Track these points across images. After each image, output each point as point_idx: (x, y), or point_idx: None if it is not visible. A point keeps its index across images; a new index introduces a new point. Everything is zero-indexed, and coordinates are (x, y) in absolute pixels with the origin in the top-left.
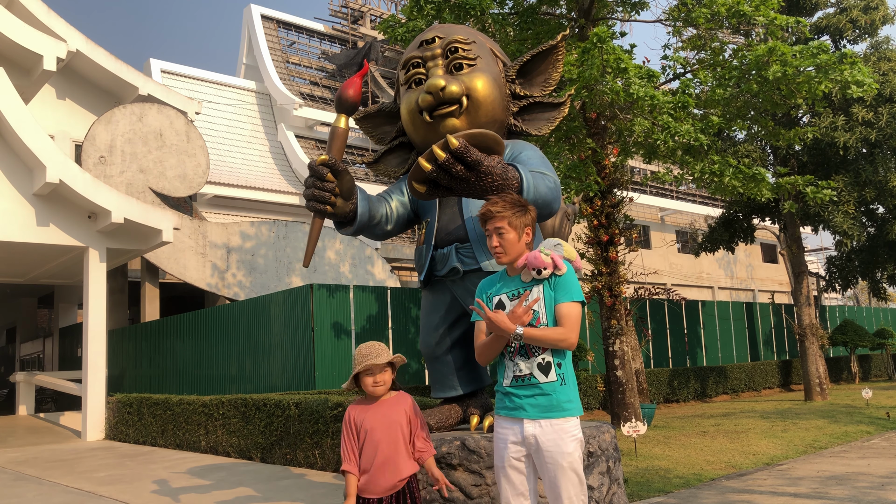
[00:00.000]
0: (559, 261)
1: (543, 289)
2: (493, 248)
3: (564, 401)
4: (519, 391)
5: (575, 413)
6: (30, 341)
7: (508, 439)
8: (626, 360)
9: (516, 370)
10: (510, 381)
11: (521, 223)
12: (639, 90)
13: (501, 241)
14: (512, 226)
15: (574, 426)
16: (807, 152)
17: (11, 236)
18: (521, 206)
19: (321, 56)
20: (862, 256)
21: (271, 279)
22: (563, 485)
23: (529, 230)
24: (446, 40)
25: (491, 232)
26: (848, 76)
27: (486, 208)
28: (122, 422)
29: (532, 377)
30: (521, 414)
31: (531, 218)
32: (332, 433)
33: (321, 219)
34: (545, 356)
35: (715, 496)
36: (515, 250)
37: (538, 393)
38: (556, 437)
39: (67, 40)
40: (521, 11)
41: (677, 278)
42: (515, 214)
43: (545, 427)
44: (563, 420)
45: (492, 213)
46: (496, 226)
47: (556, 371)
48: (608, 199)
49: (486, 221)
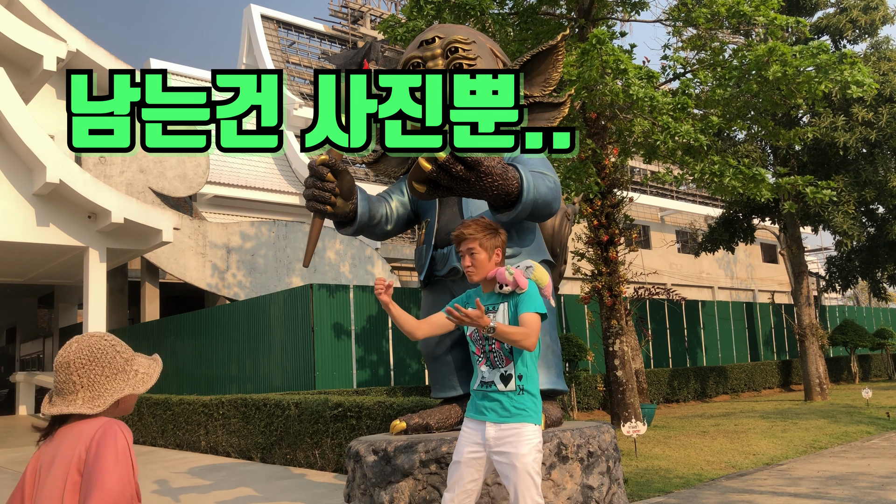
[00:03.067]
0: (521, 280)
1: (507, 306)
2: (465, 268)
3: (521, 409)
4: (484, 399)
5: (531, 420)
6: (30, 341)
7: (471, 439)
8: (626, 360)
9: (482, 377)
10: (478, 385)
11: (491, 244)
12: (638, 91)
13: (473, 261)
14: (483, 247)
15: (530, 432)
16: (807, 152)
17: (11, 236)
18: (493, 228)
19: (321, 56)
20: (862, 256)
21: (271, 279)
22: (520, 487)
23: (500, 251)
24: (446, 40)
25: (464, 252)
26: (848, 76)
27: (460, 230)
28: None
29: (493, 384)
30: (484, 418)
31: (501, 240)
32: (332, 433)
33: (321, 219)
34: (507, 369)
35: (715, 496)
36: (486, 269)
37: (498, 400)
38: (512, 440)
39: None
40: (521, 11)
41: (677, 278)
42: (486, 236)
43: (504, 431)
44: (519, 425)
45: (464, 235)
46: (468, 247)
47: (515, 382)
48: (608, 200)
49: (460, 243)
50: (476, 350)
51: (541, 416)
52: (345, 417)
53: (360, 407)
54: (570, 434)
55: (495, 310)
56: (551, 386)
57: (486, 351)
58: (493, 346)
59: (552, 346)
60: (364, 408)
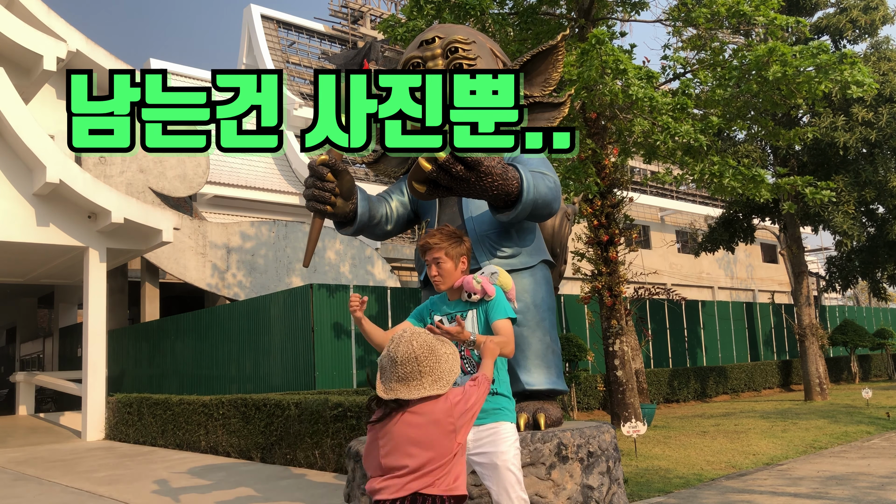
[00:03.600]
0: (488, 287)
1: (477, 313)
2: (432, 277)
3: (496, 408)
4: None
5: (507, 419)
6: (30, 341)
7: None
8: (626, 360)
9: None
10: None
11: (457, 253)
12: (638, 91)
13: (440, 271)
14: (449, 256)
15: (507, 430)
16: (807, 152)
17: (11, 236)
18: (457, 237)
19: (321, 56)
20: (862, 256)
21: (271, 279)
22: (503, 484)
23: (465, 259)
24: (446, 40)
25: (430, 262)
26: (848, 76)
27: (425, 240)
28: (122, 422)
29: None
30: None
31: (466, 248)
32: (332, 433)
33: (321, 219)
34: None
35: (715, 496)
36: (453, 278)
37: None
38: (491, 439)
39: (67, 40)
40: (521, 11)
41: (677, 278)
42: (452, 245)
43: (481, 432)
44: (496, 424)
45: (430, 244)
46: (434, 256)
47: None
48: (608, 199)
49: (425, 252)
50: None
51: (515, 415)
52: (345, 417)
53: (360, 407)
54: (570, 434)
55: (464, 317)
56: (551, 386)
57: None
58: (464, 354)
59: (552, 346)
60: (364, 408)
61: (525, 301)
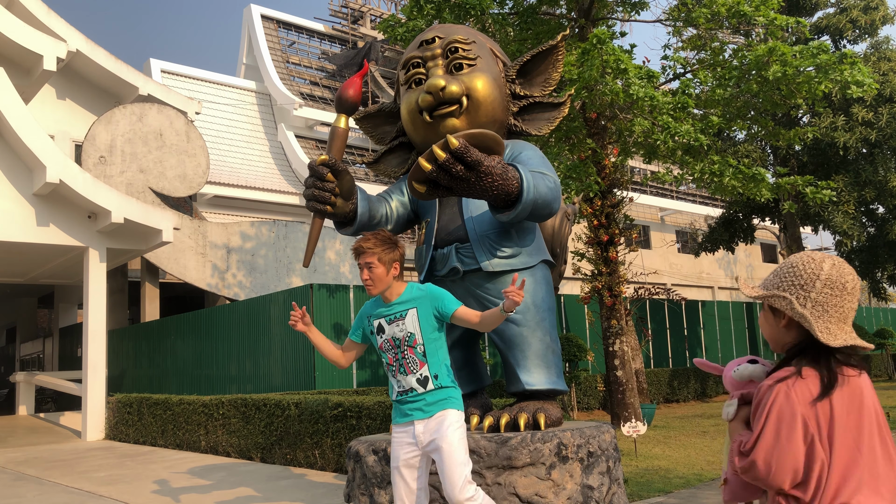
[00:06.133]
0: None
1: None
2: (364, 281)
3: (442, 399)
4: (405, 405)
5: (452, 406)
6: (30, 341)
7: (404, 441)
8: (626, 360)
9: (399, 386)
10: (397, 396)
11: (389, 258)
12: (638, 91)
13: (371, 275)
14: (381, 261)
15: (453, 416)
16: (807, 152)
17: (11, 236)
18: (391, 242)
19: (321, 56)
20: (862, 256)
21: (271, 279)
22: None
23: (397, 264)
24: (446, 40)
25: (362, 266)
26: (848, 76)
27: (359, 244)
28: (122, 422)
29: (413, 390)
30: (410, 418)
31: (399, 253)
32: (332, 433)
33: (321, 219)
34: (423, 371)
35: (715, 496)
36: (384, 283)
37: (419, 400)
38: (437, 426)
39: (67, 40)
40: (521, 11)
41: (677, 278)
42: (384, 251)
43: (429, 424)
44: (441, 413)
45: (363, 248)
46: (366, 261)
47: (432, 382)
48: (608, 199)
49: (358, 256)
50: (389, 360)
51: (461, 403)
52: (345, 417)
53: (360, 407)
54: (570, 434)
55: (403, 317)
56: (551, 386)
57: (399, 358)
58: (407, 353)
59: (552, 346)
60: (364, 408)
61: (525, 301)
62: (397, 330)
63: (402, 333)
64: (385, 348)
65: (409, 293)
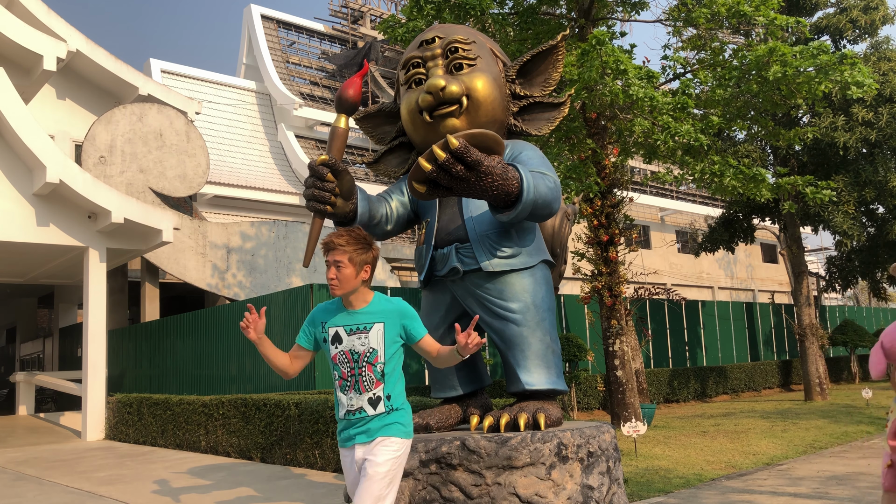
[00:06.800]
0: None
1: (384, 326)
2: (329, 280)
3: (389, 423)
4: (351, 427)
5: (396, 434)
6: (30, 341)
7: (352, 468)
8: (626, 360)
9: (349, 405)
10: (343, 414)
11: (361, 260)
12: (638, 91)
13: (338, 275)
14: (352, 261)
15: (392, 443)
16: (807, 152)
17: (11, 236)
18: (366, 243)
19: (321, 56)
20: (862, 256)
21: (271, 279)
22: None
23: (368, 268)
24: (446, 40)
25: (330, 263)
26: (848, 77)
27: (330, 238)
28: (122, 422)
29: (362, 410)
30: (352, 443)
31: (373, 256)
32: (332, 433)
33: (321, 219)
34: (377, 391)
35: (715, 496)
36: (351, 285)
37: (365, 423)
38: (372, 450)
39: (67, 40)
40: (521, 11)
41: (677, 278)
42: (357, 251)
43: (368, 447)
44: (381, 438)
45: (334, 244)
46: (336, 258)
47: (384, 404)
48: (608, 199)
49: (328, 251)
50: (343, 374)
51: (410, 430)
52: None
53: None
54: (570, 434)
55: (368, 330)
56: (551, 386)
57: (355, 374)
58: (365, 370)
59: (552, 346)
60: None
61: (525, 301)
62: (358, 343)
63: (363, 348)
64: (339, 361)
65: (376, 304)
